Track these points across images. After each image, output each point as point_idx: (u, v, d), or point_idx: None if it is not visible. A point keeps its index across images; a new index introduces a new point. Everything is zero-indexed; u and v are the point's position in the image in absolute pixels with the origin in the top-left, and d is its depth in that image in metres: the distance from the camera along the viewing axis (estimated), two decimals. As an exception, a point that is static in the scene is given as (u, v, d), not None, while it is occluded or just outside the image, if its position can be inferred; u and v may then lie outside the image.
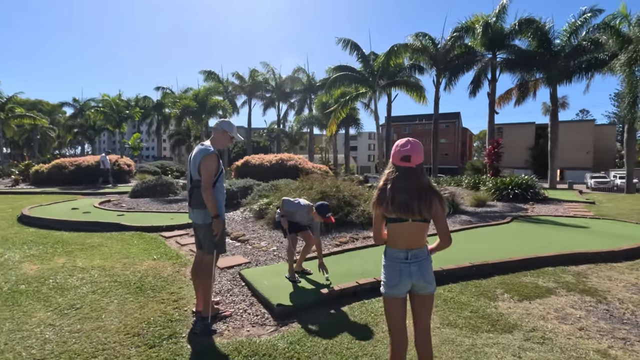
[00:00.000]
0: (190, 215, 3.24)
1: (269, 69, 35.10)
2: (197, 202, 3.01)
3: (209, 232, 3.09)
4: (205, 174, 2.96)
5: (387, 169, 2.01)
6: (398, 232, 1.93)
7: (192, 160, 3.11)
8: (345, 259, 4.79)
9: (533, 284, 3.93)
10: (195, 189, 3.02)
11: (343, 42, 16.71)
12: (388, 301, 1.97)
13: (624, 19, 21.09)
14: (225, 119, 3.30)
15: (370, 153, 73.99)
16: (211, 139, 3.21)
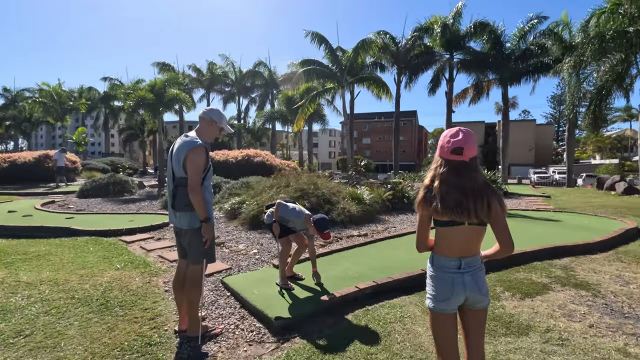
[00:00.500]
0: (171, 218, 2.76)
1: (229, 62, 33.75)
2: (182, 203, 2.55)
3: (196, 238, 2.64)
4: (193, 170, 2.51)
5: (433, 163, 1.73)
6: (450, 237, 1.65)
7: (175, 155, 2.62)
8: (335, 260, 4.49)
9: (528, 280, 3.90)
10: (180, 189, 2.55)
11: (311, 35, 16.32)
12: (437, 318, 1.70)
13: (566, 27, 22.84)
14: (214, 108, 2.85)
15: (331, 150, 74.42)
16: (197, 130, 2.74)
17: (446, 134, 1.68)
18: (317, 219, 3.51)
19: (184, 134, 2.72)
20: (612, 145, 52.39)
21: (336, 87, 16.19)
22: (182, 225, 2.64)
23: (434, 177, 1.66)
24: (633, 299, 3.44)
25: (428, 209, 1.63)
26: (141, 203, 10.19)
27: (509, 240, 1.63)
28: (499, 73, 25.19)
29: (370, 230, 6.35)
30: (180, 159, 2.57)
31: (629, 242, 5.60)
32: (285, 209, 3.59)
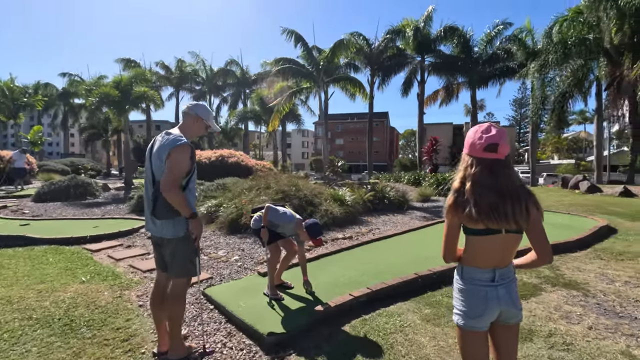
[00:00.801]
0: (149, 227, 2.44)
1: (199, 60, 32.78)
2: (165, 209, 2.25)
3: (182, 248, 2.35)
4: (175, 169, 2.22)
5: (461, 163, 1.55)
6: (484, 247, 1.48)
7: (156, 154, 2.32)
8: (323, 265, 4.28)
9: (520, 281, 3.87)
10: (163, 194, 2.25)
11: (288, 32, 16.00)
12: (468, 336, 1.52)
13: (529, 33, 23.90)
14: (200, 103, 2.57)
15: (304, 150, 74.19)
16: (180, 127, 2.45)
17: (476, 130, 1.51)
18: (309, 224, 3.28)
19: (165, 132, 2.42)
20: (569, 146, 55.70)
21: (312, 86, 16.01)
22: (165, 234, 2.33)
23: (464, 178, 1.49)
24: (622, 298, 3.47)
25: (460, 215, 1.45)
26: (106, 207, 9.50)
27: (547, 249, 1.49)
28: (468, 76, 26.04)
29: (355, 232, 6.19)
30: (162, 158, 2.26)
31: (602, 239, 5.78)
32: (276, 213, 3.33)
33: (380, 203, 8.51)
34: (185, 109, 2.47)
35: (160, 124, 66.70)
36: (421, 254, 4.72)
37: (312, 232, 3.26)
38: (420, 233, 6.06)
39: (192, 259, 2.43)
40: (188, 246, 2.38)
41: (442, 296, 3.46)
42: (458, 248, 1.58)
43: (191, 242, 2.39)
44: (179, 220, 2.31)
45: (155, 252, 2.53)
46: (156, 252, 2.52)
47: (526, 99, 71.49)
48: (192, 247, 2.41)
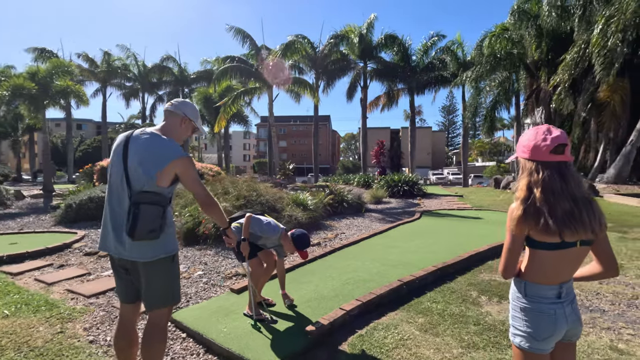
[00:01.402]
0: (111, 248, 1.95)
1: (130, 54, 29.98)
2: (147, 228, 1.82)
3: (164, 271, 1.93)
4: (195, 182, 1.95)
5: (522, 170, 1.40)
6: (555, 261, 1.34)
7: (138, 159, 1.88)
8: (301, 277, 3.99)
9: (494, 281, 3.97)
10: (145, 208, 1.81)
11: (235, 30, 15.22)
12: (532, 359, 1.38)
13: (459, 46, 25.94)
14: (187, 101, 2.15)
15: (246, 153, 72.29)
16: (164, 128, 2.03)
17: (536, 131, 1.38)
18: (298, 235, 2.99)
19: (142, 130, 1.98)
20: (490, 150, 61.86)
21: (262, 87, 15.49)
22: (142, 256, 1.88)
23: (530, 185, 1.34)
24: (584, 290, 3.72)
25: (531, 227, 1.30)
26: (23, 219, 8.09)
27: (615, 261, 1.40)
28: (407, 83, 27.49)
29: (321, 238, 5.97)
30: (149, 167, 1.84)
31: (546, 235, 6.30)
32: (259, 223, 2.97)
33: (339, 206, 8.42)
34: (170, 107, 2.05)
35: (82, 123, 60.08)
36: (396, 258, 4.67)
37: (300, 243, 2.98)
38: (387, 236, 6.05)
39: (175, 282, 2.01)
40: (170, 267, 1.97)
41: (429, 302, 3.39)
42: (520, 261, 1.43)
43: (175, 262, 2.01)
44: (165, 239, 1.91)
45: (119, 279, 2.03)
46: (120, 279, 2.02)
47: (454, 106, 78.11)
48: (176, 268, 2.01)
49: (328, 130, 66.57)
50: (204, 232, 5.27)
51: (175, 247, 2.00)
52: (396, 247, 5.24)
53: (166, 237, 1.93)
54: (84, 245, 5.59)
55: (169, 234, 1.96)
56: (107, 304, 3.38)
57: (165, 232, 1.92)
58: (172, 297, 1.99)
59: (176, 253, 2.01)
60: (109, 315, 3.15)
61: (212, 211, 2.03)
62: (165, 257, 1.92)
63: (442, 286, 3.81)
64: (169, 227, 1.96)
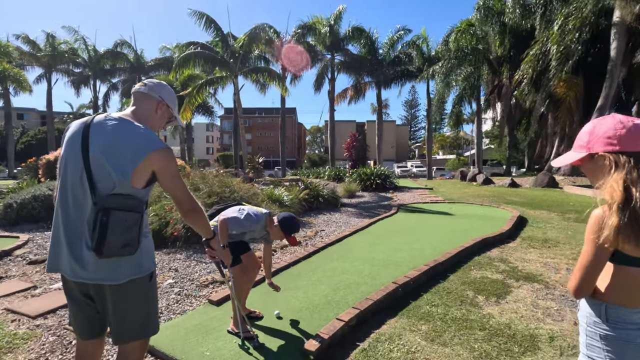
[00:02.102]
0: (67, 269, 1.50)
1: (78, 38, 27.54)
2: (119, 242, 1.40)
3: (138, 295, 1.51)
4: (177, 183, 1.52)
5: (609, 167, 1.12)
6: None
7: (104, 152, 1.43)
8: (287, 282, 3.62)
9: (487, 279, 3.86)
10: (116, 215, 1.38)
11: (198, 15, 14.17)
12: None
13: (424, 41, 26.36)
14: (163, 82, 1.71)
15: (209, 145, 69.83)
16: (136, 114, 1.59)
17: (618, 120, 1.12)
18: (283, 219, 2.65)
19: (107, 115, 1.52)
20: (450, 143, 64.33)
21: (228, 76, 14.68)
22: (111, 278, 1.44)
23: (627, 185, 1.06)
24: (575, 286, 3.69)
25: (630, 240, 1.04)
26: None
27: None
28: (374, 76, 27.60)
29: (301, 237, 5.63)
30: (125, 163, 1.40)
31: (522, 228, 6.38)
32: (237, 222, 2.54)
33: (315, 202, 8.10)
34: (142, 88, 1.62)
35: (24, 112, 54.78)
36: (384, 257, 4.44)
37: (288, 227, 2.64)
38: (368, 233, 5.83)
39: (153, 308, 1.59)
40: (147, 289, 1.55)
41: (428, 306, 3.18)
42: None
43: (153, 283, 1.59)
44: (140, 256, 1.50)
45: (75, 309, 1.57)
46: (77, 309, 1.56)
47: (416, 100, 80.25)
48: (154, 290, 1.60)
49: (294, 123, 65.87)
50: (172, 234, 4.74)
51: (152, 263, 1.58)
52: (380, 245, 5.02)
53: (142, 251, 1.50)
54: (28, 252, 4.85)
55: (146, 247, 1.54)
56: (59, 326, 2.84)
57: (141, 245, 1.50)
58: (149, 327, 1.58)
59: (154, 271, 1.59)
60: (61, 340, 2.62)
61: (195, 219, 1.63)
62: (141, 277, 1.50)
63: (436, 286, 3.62)
64: (146, 238, 1.54)
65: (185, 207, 1.55)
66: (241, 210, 2.64)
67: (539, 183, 12.77)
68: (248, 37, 13.71)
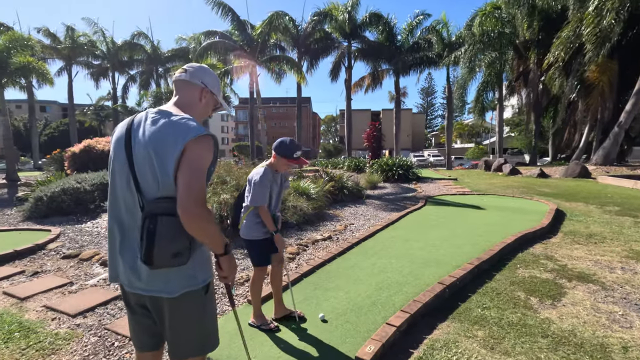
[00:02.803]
0: (123, 278, 1.40)
1: (97, 30, 27.74)
2: (170, 251, 1.25)
3: (196, 310, 1.38)
4: (197, 177, 1.24)
5: None
6: None
7: (146, 149, 1.28)
8: (324, 282, 3.48)
9: (536, 278, 3.62)
10: (163, 221, 1.23)
11: (215, 3, 13.97)
12: None
13: (444, 26, 25.44)
14: (205, 66, 1.53)
15: (224, 136, 70.21)
16: (179, 103, 1.43)
17: None
18: (277, 146, 2.55)
19: (158, 110, 1.36)
20: (469, 131, 62.80)
21: (247, 65, 14.50)
22: (166, 290, 1.31)
23: None
24: (635, 287, 3.42)
25: None
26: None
27: None
28: (392, 63, 26.88)
29: (330, 230, 5.48)
30: (166, 157, 1.24)
31: (561, 222, 6.06)
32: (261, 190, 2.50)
33: (339, 194, 7.93)
34: (184, 75, 1.45)
35: (46, 105, 56.14)
36: (422, 254, 4.24)
37: (286, 150, 2.52)
38: (399, 228, 5.63)
39: (211, 322, 1.46)
40: (204, 302, 1.41)
41: (479, 308, 2.98)
42: None
43: (210, 295, 1.44)
44: (192, 267, 1.34)
45: (134, 320, 1.48)
46: (135, 321, 1.47)
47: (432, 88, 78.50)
48: (211, 303, 1.46)
49: (309, 113, 65.50)
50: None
51: (209, 273, 1.43)
52: (416, 241, 4.82)
53: (195, 261, 1.35)
54: (61, 246, 4.86)
55: (200, 256, 1.39)
56: (99, 326, 2.77)
57: (195, 253, 1.35)
58: (208, 342, 1.45)
59: (211, 281, 1.44)
60: (103, 342, 2.55)
61: (195, 226, 1.22)
62: (197, 289, 1.36)
63: (484, 287, 3.41)
64: (199, 245, 1.38)
65: (189, 205, 1.19)
66: (250, 185, 2.57)
67: (569, 173, 12.23)
68: (266, 24, 13.43)
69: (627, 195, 8.41)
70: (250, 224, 2.60)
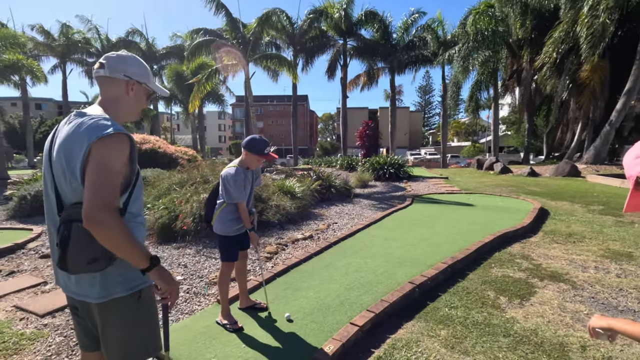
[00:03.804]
0: (60, 281, 1.39)
1: (91, 27, 27.59)
2: (85, 256, 1.21)
3: (123, 317, 1.35)
4: (102, 179, 1.17)
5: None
6: None
7: (60, 154, 1.26)
8: (297, 281, 3.50)
9: (509, 278, 3.65)
10: (76, 226, 1.20)
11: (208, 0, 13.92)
12: None
13: (440, 24, 25.42)
14: (128, 54, 1.42)
15: (221, 134, 70.09)
16: (104, 102, 1.37)
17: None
18: (246, 143, 2.59)
19: (76, 112, 1.33)
20: (466, 130, 62.87)
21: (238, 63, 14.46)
22: (92, 295, 1.31)
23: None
24: (606, 287, 3.45)
25: None
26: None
27: None
28: (387, 62, 26.87)
29: (312, 230, 5.49)
30: (73, 161, 1.22)
31: (544, 221, 6.09)
32: (237, 186, 2.56)
33: (327, 192, 7.94)
34: (102, 71, 1.35)
35: (41, 102, 55.86)
36: (399, 254, 4.26)
37: (255, 146, 2.58)
38: (382, 227, 5.65)
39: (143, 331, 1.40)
40: (135, 310, 1.36)
41: (447, 308, 3.01)
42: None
43: (144, 303, 1.39)
44: (114, 271, 1.30)
45: (75, 321, 1.49)
46: (76, 321, 1.48)
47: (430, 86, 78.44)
48: (144, 311, 1.40)
49: (306, 111, 65.41)
50: (182, 228, 4.67)
51: (144, 277, 1.35)
52: (395, 240, 4.84)
53: (126, 265, 1.30)
54: (41, 245, 4.86)
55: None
56: (66, 325, 2.78)
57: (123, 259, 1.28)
58: (143, 350, 1.40)
59: (146, 288, 1.38)
60: (68, 341, 2.56)
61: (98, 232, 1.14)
62: (126, 295, 1.32)
63: (455, 286, 3.44)
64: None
65: (92, 212, 1.11)
66: (223, 182, 2.60)
67: (559, 172, 12.28)
68: (259, 23, 13.39)
69: (614, 194, 8.46)
70: (224, 220, 2.64)
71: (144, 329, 1.40)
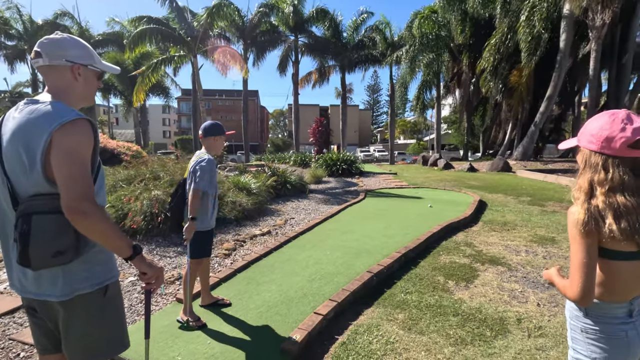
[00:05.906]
0: (21, 283, 1.31)
1: (10, 6, 24.51)
2: (48, 251, 1.15)
3: (89, 314, 1.30)
4: (75, 169, 1.14)
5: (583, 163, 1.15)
6: (626, 274, 1.11)
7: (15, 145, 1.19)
8: (259, 276, 3.50)
9: (455, 263, 3.98)
10: (39, 219, 1.15)
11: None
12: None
13: (387, 26, 26.42)
14: (61, 37, 1.29)
15: (166, 129, 66.34)
16: (53, 90, 1.28)
17: (613, 118, 1.10)
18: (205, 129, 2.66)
19: (27, 99, 1.25)
20: (411, 128, 66.16)
21: (187, 55, 13.78)
22: (55, 294, 1.24)
23: (592, 184, 1.09)
24: (534, 267, 3.92)
25: (600, 233, 1.06)
26: None
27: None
28: (338, 60, 27.37)
29: (270, 225, 5.49)
30: (33, 151, 1.15)
31: (482, 211, 6.69)
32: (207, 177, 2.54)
33: (282, 188, 7.95)
34: (41, 61, 1.25)
35: (-53, 90, 48.37)
36: (356, 245, 4.44)
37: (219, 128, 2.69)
38: (338, 220, 5.81)
39: (111, 329, 1.36)
40: (102, 306, 1.31)
41: (402, 293, 3.22)
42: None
43: (110, 298, 1.34)
44: (77, 266, 1.24)
45: (31, 323, 1.39)
46: (33, 323, 1.38)
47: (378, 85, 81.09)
48: (112, 307, 1.36)
49: (257, 106, 64.27)
50: (131, 227, 4.41)
51: (110, 272, 1.33)
52: (352, 233, 5.02)
53: (90, 260, 1.26)
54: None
55: (96, 255, 1.28)
56: (2, 337, 2.53)
57: (87, 251, 1.25)
58: (109, 348, 1.36)
59: (112, 283, 1.34)
60: (7, 353, 2.34)
61: (84, 225, 1.13)
62: (91, 291, 1.27)
63: (409, 273, 3.68)
64: (95, 244, 1.26)
65: (75, 202, 1.10)
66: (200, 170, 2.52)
67: (494, 167, 13.48)
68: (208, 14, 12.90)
69: (539, 187, 9.51)
70: (201, 215, 2.57)
71: (110, 325, 1.36)
